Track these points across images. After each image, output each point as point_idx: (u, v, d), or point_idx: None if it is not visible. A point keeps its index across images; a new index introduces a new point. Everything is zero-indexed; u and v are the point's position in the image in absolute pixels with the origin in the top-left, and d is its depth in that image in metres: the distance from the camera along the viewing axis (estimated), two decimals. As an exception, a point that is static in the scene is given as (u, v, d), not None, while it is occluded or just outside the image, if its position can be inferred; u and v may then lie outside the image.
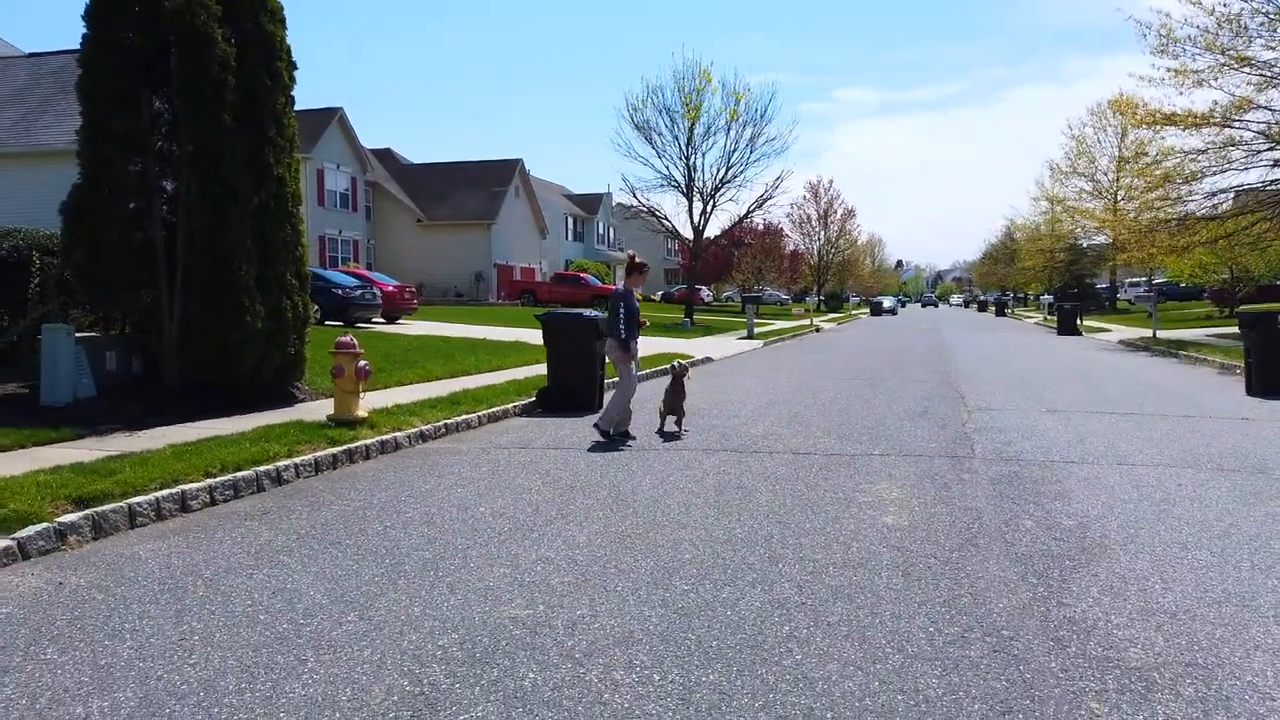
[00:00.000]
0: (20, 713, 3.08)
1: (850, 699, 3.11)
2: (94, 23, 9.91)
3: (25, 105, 27.63)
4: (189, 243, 9.81)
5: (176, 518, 5.97)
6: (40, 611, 4.12)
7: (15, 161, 26.15)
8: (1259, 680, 3.25)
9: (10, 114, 27.37)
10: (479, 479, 7.07)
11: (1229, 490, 6.44)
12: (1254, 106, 25.61)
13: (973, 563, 4.69)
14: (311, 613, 4.04)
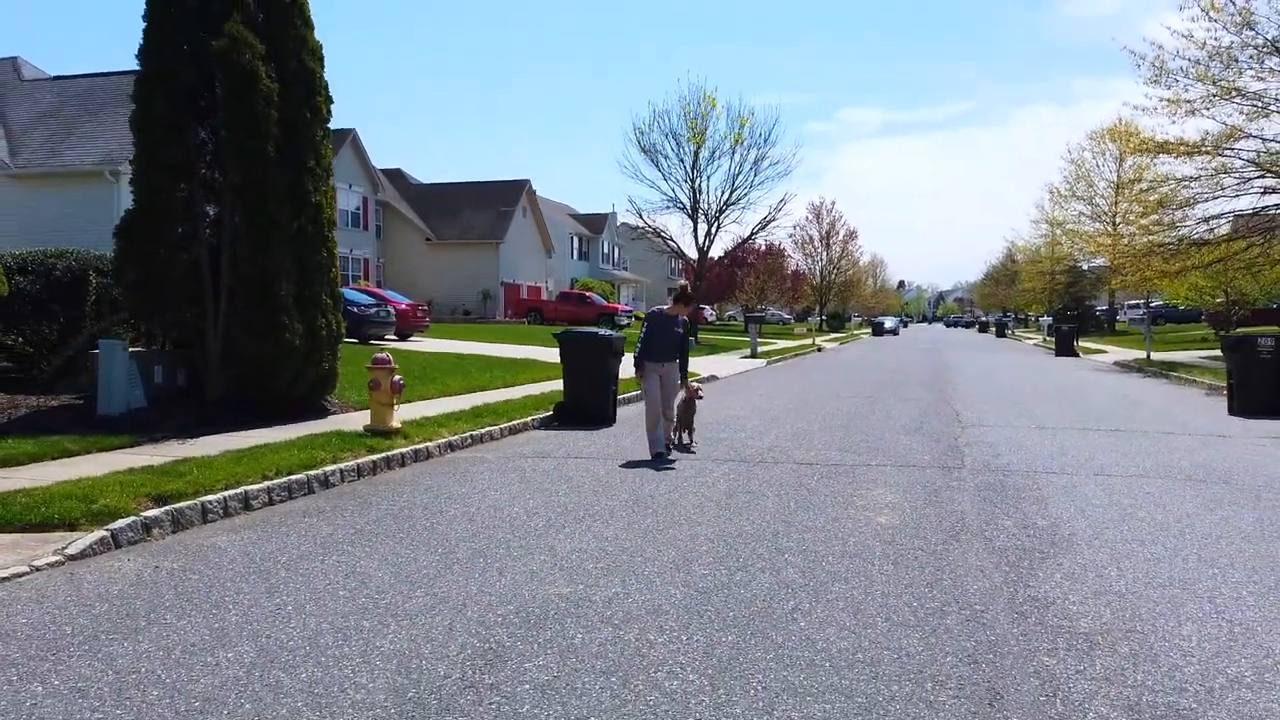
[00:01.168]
0: (160, 661, 3.75)
1: (845, 654, 3.78)
2: (147, 60, 10.67)
3: (52, 126, 28.47)
4: (233, 265, 10.52)
5: (241, 515, 6.64)
6: (148, 588, 4.79)
7: (43, 181, 27.00)
8: (1183, 643, 3.91)
9: (38, 135, 28.21)
10: (508, 484, 7.74)
11: (1192, 497, 7.11)
12: (1244, 135, 26.37)
13: (954, 554, 5.35)
14: (383, 590, 4.71)
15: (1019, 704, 3.30)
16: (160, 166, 10.53)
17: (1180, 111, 26.70)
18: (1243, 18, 25.70)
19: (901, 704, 3.30)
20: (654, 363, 9.57)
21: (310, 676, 3.57)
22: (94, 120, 28.19)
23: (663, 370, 9.57)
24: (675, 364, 9.71)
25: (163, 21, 10.60)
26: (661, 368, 9.57)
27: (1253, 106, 26.19)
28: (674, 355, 9.70)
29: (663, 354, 9.60)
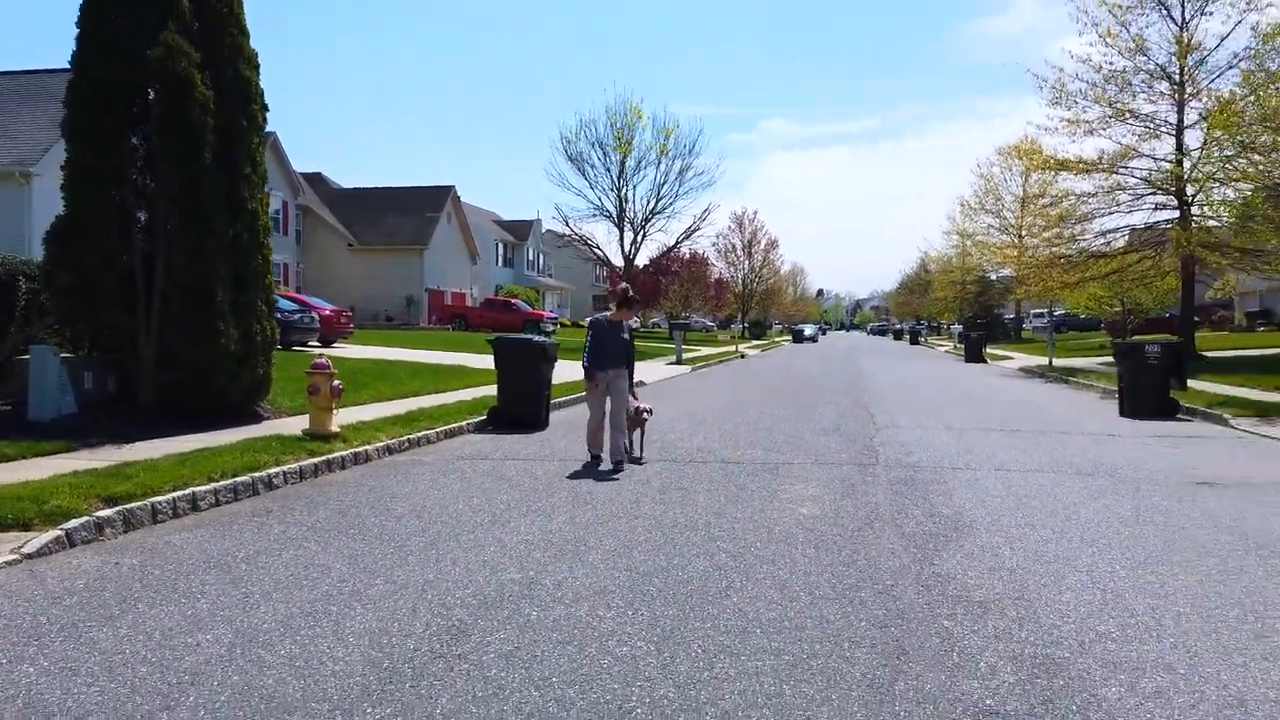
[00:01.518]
0: (142, 643, 4.01)
1: (773, 622, 4.25)
2: (80, 67, 10.67)
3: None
4: (168, 271, 10.56)
5: (190, 515, 6.82)
6: (113, 582, 5.01)
7: (-54, 182, 25.99)
8: (1063, 607, 4.50)
9: (-60, 134, 27.18)
10: (450, 484, 8.06)
11: (1080, 489, 7.84)
12: (1137, 155, 28.16)
13: (868, 539, 5.90)
14: (344, 579, 5.02)
15: (922, 658, 3.82)
16: (93, 172, 10.54)
17: (1079, 131, 28.37)
18: (1136, 44, 27.48)
19: (823, 660, 3.78)
20: (602, 371, 9.35)
21: (289, 653, 3.88)
22: (2, 120, 27.31)
23: (610, 378, 9.36)
24: (623, 371, 9.44)
25: (97, 29, 10.61)
26: (609, 375, 9.35)
27: (1145, 128, 27.98)
28: (622, 362, 9.44)
29: (610, 361, 9.36)
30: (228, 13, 11.23)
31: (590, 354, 9.42)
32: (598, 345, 9.40)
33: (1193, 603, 4.61)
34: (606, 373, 9.36)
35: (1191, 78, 26.90)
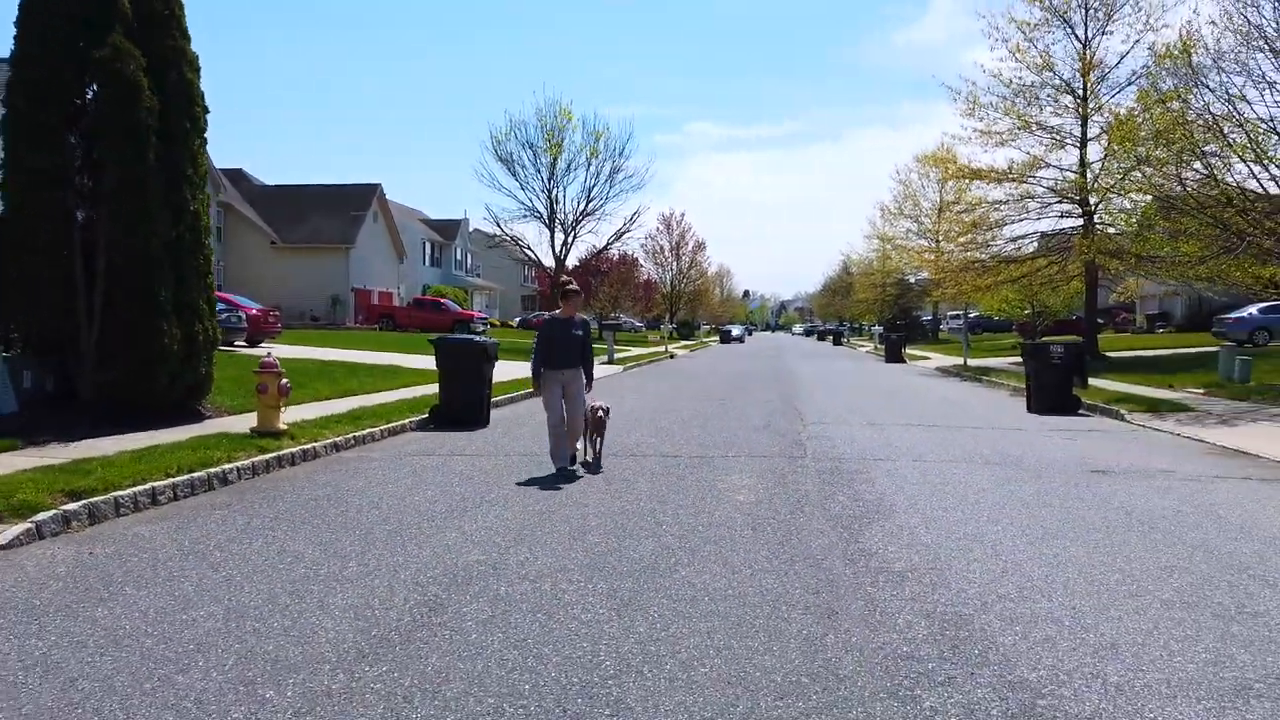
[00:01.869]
0: (139, 620, 4.32)
1: (719, 591, 4.77)
2: (20, 66, 10.66)
3: None
4: (109, 270, 10.63)
5: (151, 509, 7.04)
6: (93, 569, 5.26)
7: None
8: (969, 575, 5.12)
9: None
10: (402, 478, 8.40)
11: (988, 476, 8.57)
12: (1045, 165, 29.68)
13: (799, 521, 6.48)
14: (318, 563, 5.37)
15: (849, 617, 4.37)
16: (33, 172, 10.53)
17: (991, 142, 29.79)
18: (1043, 60, 28.98)
19: (764, 620, 4.31)
20: (555, 370, 8.95)
21: (282, 625, 4.25)
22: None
23: (565, 378, 8.96)
24: (579, 370, 9.04)
25: (39, 28, 10.62)
26: (563, 375, 8.95)
27: (1052, 139, 29.50)
28: (577, 360, 9.02)
29: (564, 359, 8.96)
30: (169, 15, 11.32)
31: (539, 354, 9.01)
32: (548, 344, 8.97)
33: (1080, 569, 5.29)
34: (561, 373, 8.95)
35: (1094, 93, 28.51)
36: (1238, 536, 6.20)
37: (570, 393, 8.97)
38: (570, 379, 9.01)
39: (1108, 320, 61.54)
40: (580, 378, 9.07)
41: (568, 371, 9.00)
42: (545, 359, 9.01)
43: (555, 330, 9.08)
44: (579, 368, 9.07)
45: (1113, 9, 28.07)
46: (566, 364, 8.99)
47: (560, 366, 8.98)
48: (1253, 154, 15.92)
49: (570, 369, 9.01)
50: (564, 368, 8.99)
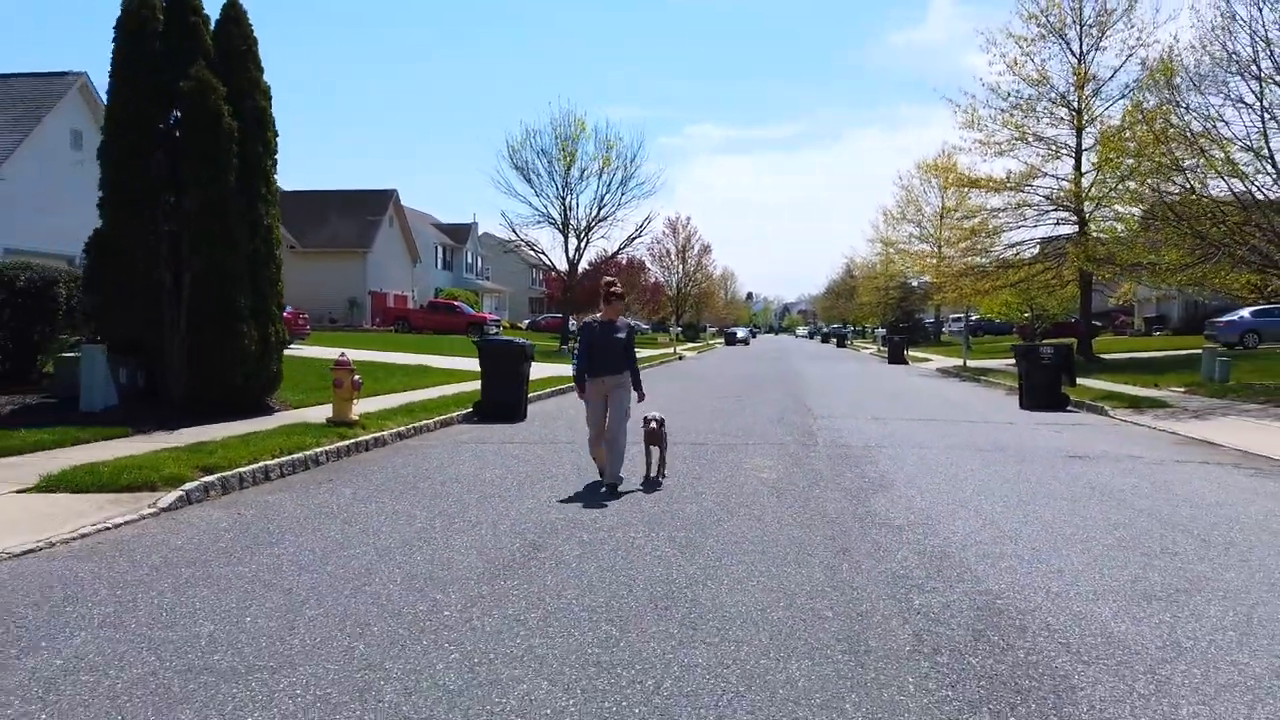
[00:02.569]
0: (306, 558, 5.59)
1: (755, 538, 6.05)
2: (115, 98, 12.00)
3: (-90, 128, 27.70)
4: (195, 279, 11.93)
5: (266, 484, 8.32)
6: (246, 526, 6.54)
7: (-97, 184, 26.29)
8: (954, 528, 6.40)
9: (-105, 137, 27.40)
10: (467, 460, 9.68)
11: (977, 460, 9.85)
12: (1041, 174, 30.94)
13: (816, 492, 7.76)
14: (429, 520, 6.65)
15: (859, 553, 5.65)
16: (127, 193, 11.85)
17: (990, 152, 31.09)
18: (1040, 74, 30.23)
19: (794, 556, 5.59)
20: (597, 378, 8.34)
21: (424, 557, 5.53)
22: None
23: (606, 386, 8.33)
24: (624, 379, 8.40)
25: (130, 63, 11.92)
26: (605, 383, 8.32)
27: (1048, 150, 30.75)
28: (621, 367, 8.37)
29: (607, 365, 8.33)
30: (246, 50, 12.64)
31: (581, 361, 8.49)
32: (590, 350, 8.39)
33: (1044, 525, 6.56)
34: (603, 380, 8.34)
35: (1088, 105, 29.75)
36: (1179, 504, 7.47)
37: (613, 402, 8.31)
38: (612, 388, 8.35)
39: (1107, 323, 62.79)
40: (624, 387, 8.42)
41: (610, 379, 8.35)
42: (588, 365, 8.44)
43: (597, 335, 8.46)
44: (623, 374, 8.42)
45: (1106, 26, 29.33)
46: (608, 370, 8.34)
47: (602, 373, 8.34)
48: (1228, 169, 17.19)
49: (612, 376, 8.35)
50: (605, 374, 8.34)
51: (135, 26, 11.87)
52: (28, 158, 27.37)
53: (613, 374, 8.38)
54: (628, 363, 8.50)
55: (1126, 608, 4.64)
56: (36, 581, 4.98)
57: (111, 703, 3.41)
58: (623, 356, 8.46)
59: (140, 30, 11.84)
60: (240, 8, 12.74)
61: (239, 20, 12.69)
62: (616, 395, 8.35)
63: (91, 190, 12.32)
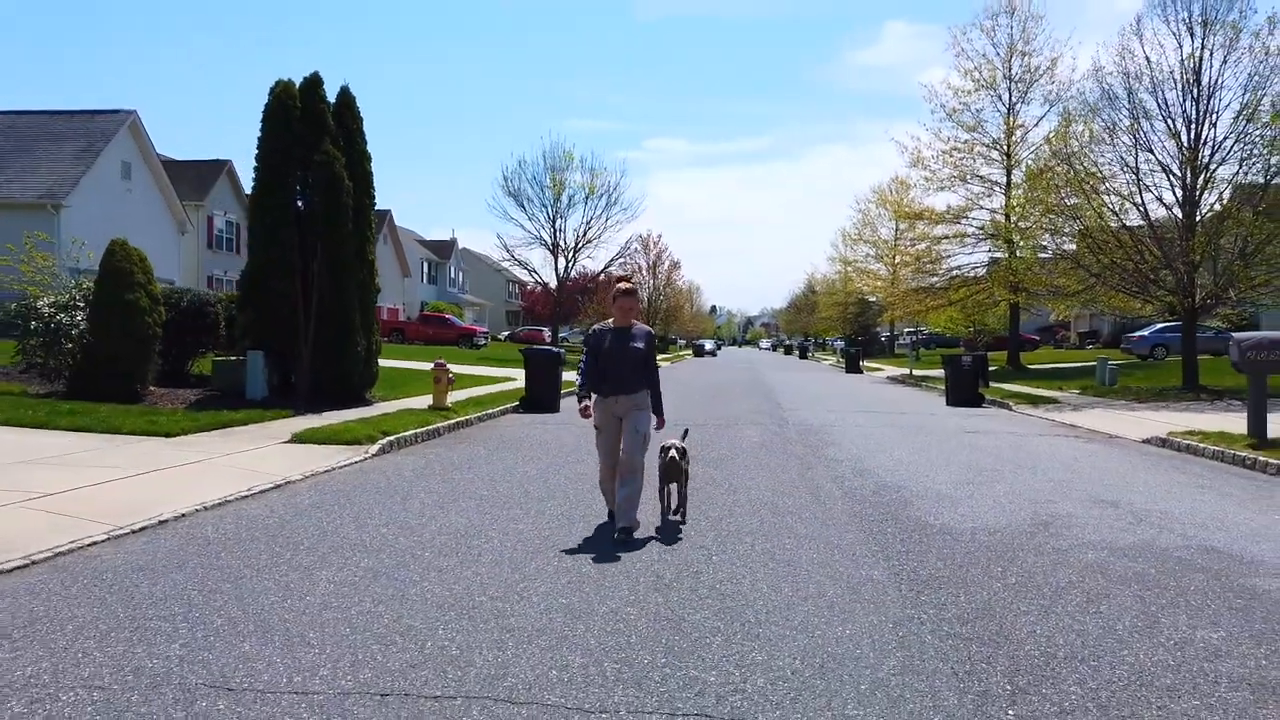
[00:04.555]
0: (500, 474, 9.57)
1: (754, 466, 10.15)
2: (264, 163, 15.83)
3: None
4: (320, 300, 15.81)
5: (415, 445, 12.23)
6: (433, 464, 10.49)
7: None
8: (874, 460, 10.57)
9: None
10: (541, 433, 13.66)
11: (900, 434, 14.06)
12: (977, 208, 35.59)
13: (789, 448, 11.90)
14: (553, 462, 10.65)
15: (815, 470, 9.78)
16: (270, 234, 15.70)
17: (933, 187, 35.71)
18: (975, 121, 34.86)
19: (777, 472, 9.70)
20: (605, 398, 6.76)
21: (569, 474, 9.55)
22: (26, 156, 31.04)
23: (620, 408, 6.77)
24: (641, 398, 6.81)
25: (275, 138, 15.78)
26: (618, 404, 6.76)
27: (983, 187, 35.41)
28: (639, 384, 6.78)
29: (619, 383, 6.73)
30: (356, 130, 16.60)
31: (586, 377, 6.88)
32: (596, 363, 6.79)
33: (930, 460, 10.74)
34: (615, 401, 6.74)
35: (1015, 150, 34.46)
36: (1019, 453, 11.72)
37: (627, 427, 6.75)
38: (628, 410, 6.73)
39: (1048, 337, 68.07)
40: (642, 409, 6.79)
41: (624, 400, 6.73)
42: (594, 381, 6.81)
43: (608, 343, 6.77)
44: (640, 393, 6.77)
45: (1030, 84, 34.09)
46: (622, 388, 6.71)
47: (615, 393, 6.72)
48: (1111, 215, 21.74)
49: (627, 395, 6.72)
50: (619, 394, 6.73)
51: (281, 113, 15.74)
52: (87, 187, 30.87)
53: (628, 393, 6.70)
54: (646, 379, 6.80)
55: (954, 485, 8.83)
56: (340, 485, 8.95)
57: (420, 535, 7.41)
58: (640, 372, 6.75)
59: (286, 115, 15.72)
60: (351, 94, 16.71)
61: (350, 105, 16.65)
62: (632, 419, 6.68)
63: (138, 216, 16.31)
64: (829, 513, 7.61)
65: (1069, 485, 9.21)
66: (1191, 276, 20.73)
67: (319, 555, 5.94)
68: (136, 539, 6.34)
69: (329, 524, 6.94)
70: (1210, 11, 20.82)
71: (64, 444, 10.20)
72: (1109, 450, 12.41)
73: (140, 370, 14.45)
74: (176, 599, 4.91)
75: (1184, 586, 5.44)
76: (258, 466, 9.44)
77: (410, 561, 5.84)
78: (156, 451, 10.06)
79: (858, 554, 6.18)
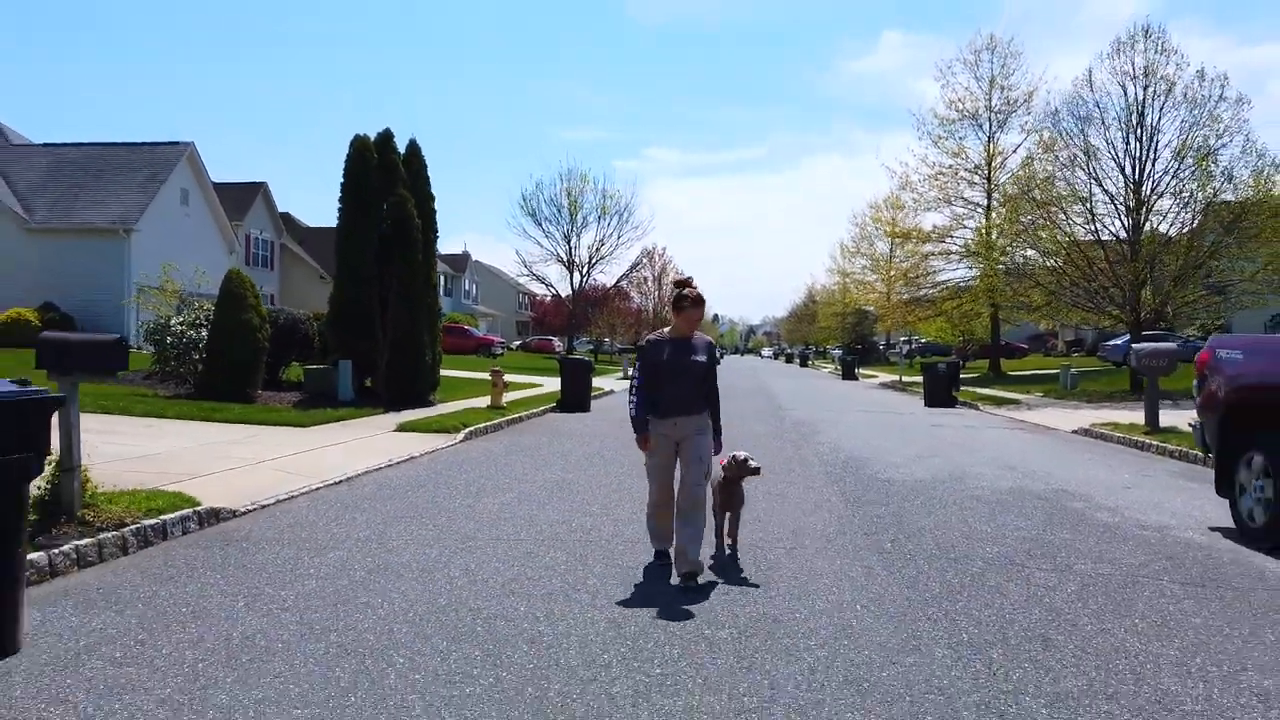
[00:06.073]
0: (572, 449, 12.73)
1: (760, 439, 13.30)
2: (346, 206, 19.02)
3: (57, 189, 34.30)
4: (395, 318, 18.98)
5: (488, 435, 15.37)
6: (511, 446, 13.65)
7: (59, 236, 32.97)
8: (850, 444, 13.72)
9: (46, 196, 34.01)
10: (582, 426, 16.79)
11: (878, 428, 17.21)
12: (961, 227, 38.80)
13: (786, 435, 15.06)
14: (592, 447, 13.80)
15: (806, 450, 12.93)
16: (354, 263, 18.90)
17: (921, 208, 38.92)
18: (959, 148, 38.08)
19: (777, 449, 12.84)
20: (665, 418, 5.91)
21: (612, 451, 12.71)
22: (98, 185, 34.32)
23: (680, 432, 5.94)
24: (702, 419, 5.99)
25: (356, 183, 18.99)
26: (677, 427, 5.92)
27: (966, 208, 38.62)
28: (698, 406, 5.95)
29: (678, 404, 5.89)
30: (422, 174, 19.82)
31: (641, 396, 5.94)
32: (655, 380, 5.89)
33: (892, 444, 13.88)
34: (674, 423, 5.93)
35: (995, 175, 37.68)
36: (968, 440, 14.86)
37: (688, 454, 5.93)
38: (690, 433, 5.95)
39: (1038, 345, 71.24)
40: (706, 433, 6.01)
41: (684, 422, 5.94)
42: (652, 401, 5.93)
43: (667, 356, 5.90)
44: (702, 415, 6.00)
45: (1008, 115, 37.35)
46: (682, 409, 5.93)
47: (673, 413, 5.93)
48: (1066, 239, 24.92)
49: (688, 417, 5.94)
50: (678, 415, 5.94)
51: (360, 163, 18.95)
52: (153, 213, 34.14)
53: (688, 414, 5.94)
54: (707, 398, 6.03)
55: (905, 459, 11.98)
56: (452, 459, 12.12)
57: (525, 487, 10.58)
58: (700, 389, 5.97)
59: (364, 165, 18.93)
60: (417, 145, 19.95)
61: (417, 153, 19.88)
62: (693, 445, 5.92)
63: (194, 238, 19.53)
64: (810, 472, 10.77)
65: (990, 458, 12.36)
66: (1137, 294, 23.89)
67: (474, 494, 9.10)
68: (340, 487, 9.48)
69: (465, 479, 10.10)
70: (1151, 64, 24.04)
71: (230, 433, 13.36)
72: (1039, 438, 15.58)
73: (253, 377, 17.62)
74: (403, 512, 8.07)
75: (1024, 506, 8.61)
76: (384, 447, 12.60)
77: (535, 495, 9.01)
78: (301, 437, 13.22)
79: (824, 490, 9.35)
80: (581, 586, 5.70)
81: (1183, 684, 4.11)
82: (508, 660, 4.30)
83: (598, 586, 5.70)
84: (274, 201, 52.16)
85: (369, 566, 6.07)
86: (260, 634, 4.63)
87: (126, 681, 3.97)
